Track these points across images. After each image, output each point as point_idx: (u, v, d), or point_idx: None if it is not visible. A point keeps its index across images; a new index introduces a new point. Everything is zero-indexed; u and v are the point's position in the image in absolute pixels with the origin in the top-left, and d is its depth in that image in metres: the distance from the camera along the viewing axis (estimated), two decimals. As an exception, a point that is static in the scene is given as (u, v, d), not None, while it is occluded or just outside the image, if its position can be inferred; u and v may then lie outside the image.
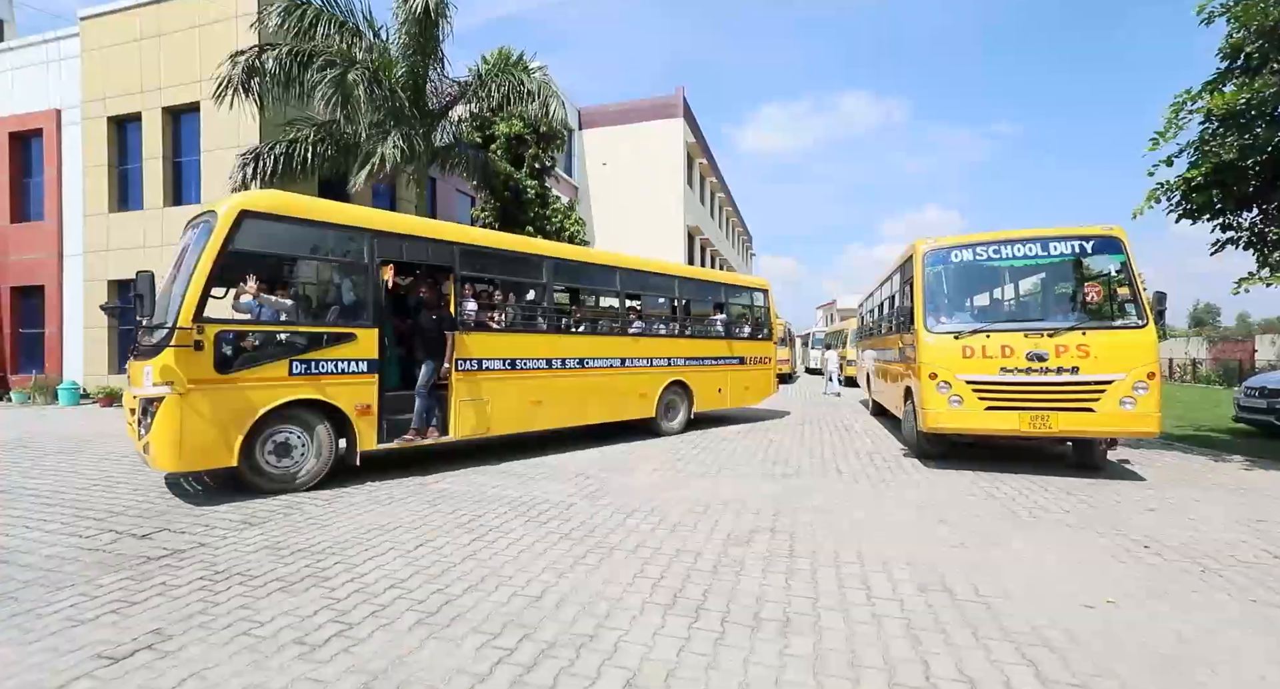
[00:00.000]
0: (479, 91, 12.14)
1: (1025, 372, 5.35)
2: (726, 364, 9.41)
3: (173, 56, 13.01)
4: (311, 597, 2.85)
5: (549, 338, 6.91)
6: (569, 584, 3.02)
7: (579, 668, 2.22)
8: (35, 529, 3.90)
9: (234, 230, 4.68)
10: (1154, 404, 5.10)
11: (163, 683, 2.10)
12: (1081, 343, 5.26)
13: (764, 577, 3.13)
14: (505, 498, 4.78)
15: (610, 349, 7.64)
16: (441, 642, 2.42)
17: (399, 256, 5.80)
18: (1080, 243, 5.61)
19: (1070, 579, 3.11)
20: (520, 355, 6.52)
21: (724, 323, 9.60)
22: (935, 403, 5.68)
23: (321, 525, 4.03)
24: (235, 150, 12.10)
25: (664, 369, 8.33)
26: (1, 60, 14.53)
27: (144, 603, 2.77)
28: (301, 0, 10.37)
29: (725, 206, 36.99)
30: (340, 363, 5.15)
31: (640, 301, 8.85)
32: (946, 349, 5.68)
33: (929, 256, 6.13)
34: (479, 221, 15.95)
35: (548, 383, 6.80)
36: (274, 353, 4.84)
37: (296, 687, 2.09)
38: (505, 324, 6.62)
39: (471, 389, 6.05)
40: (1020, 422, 5.37)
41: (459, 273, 6.04)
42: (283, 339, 4.93)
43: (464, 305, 6.11)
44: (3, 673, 2.16)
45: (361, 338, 5.27)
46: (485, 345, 6.19)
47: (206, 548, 3.56)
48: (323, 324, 5.24)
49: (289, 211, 5.07)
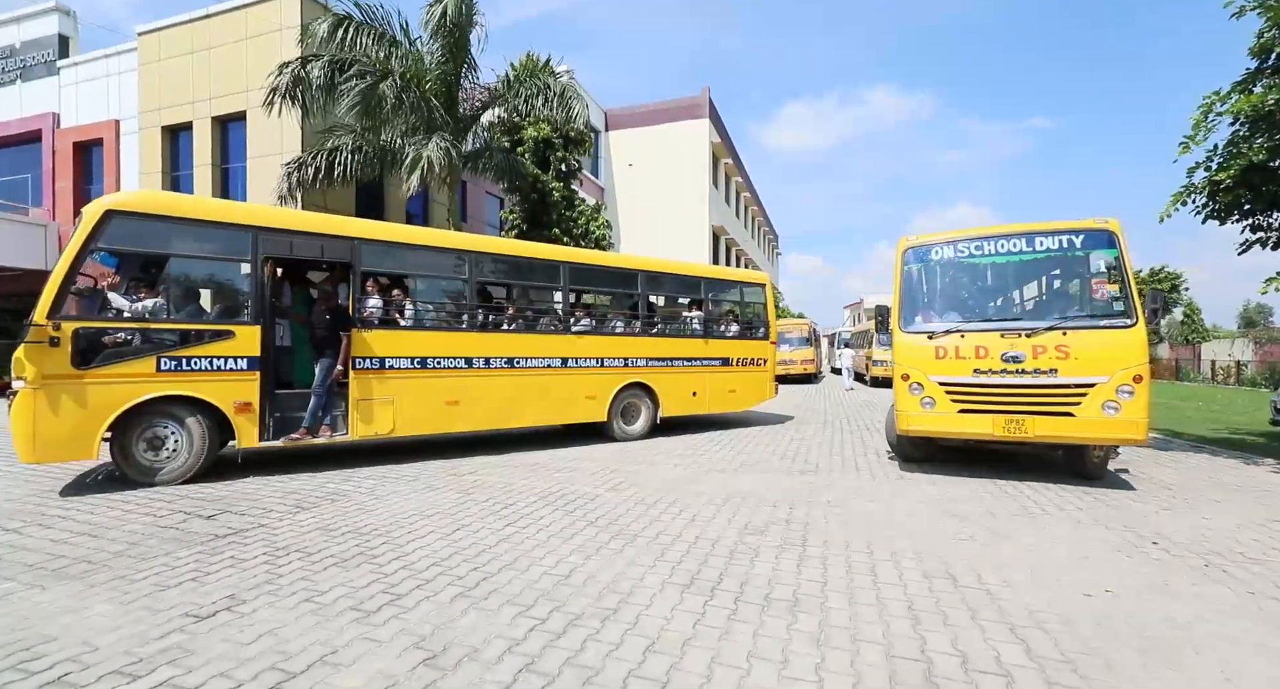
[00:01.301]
0: (507, 97, 12.54)
1: (1000, 373, 5.12)
2: (705, 365, 8.62)
3: (221, 68, 13.72)
4: (363, 571, 3.16)
5: (469, 336, 6.61)
6: (594, 565, 3.27)
7: (604, 635, 2.47)
8: (115, 508, 4.33)
9: (98, 229, 4.77)
10: (1141, 409, 4.77)
11: (243, 638, 2.42)
12: (1061, 343, 4.98)
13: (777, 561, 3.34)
14: (534, 489, 5.07)
15: (548, 348, 7.17)
16: (481, 612, 2.69)
17: (287, 253, 5.69)
18: (1069, 237, 5.28)
19: (1073, 571, 3.24)
20: (433, 354, 6.30)
21: (703, 320, 8.81)
22: (908, 405, 5.57)
23: (366, 510, 4.37)
24: (278, 157, 12.72)
25: (618, 370, 7.73)
26: (66, 75, 15.50)
27: (218, 573, 3.12)
28: (343, 13, 10.89)
29: (750, 206, 36.92)
30: (216, 360, 5.16)
31: (591, 298, 8.46)
32: (920, 350, 5.53)
33: (908, 254, 5.94)
34: (507, 223, 16.40)
35: (468, 383, 6.51)
36: (139, 350, 4.88)
37: (357, 645, 2.38)
38: (415, 321, 6.43)
39: (373, 388, 5.93)
40: (994, 426, 5.13)
41: (359, 269, 5.95)
42: (149, 336, 4.95)
43: (365, 302, 6.02)
44: (113, 625, 2.50)
45: (241, 335, 5.28)
46: (390, 343, 6.06)
47: (265, 528, 3.92)
48: (198, 321, 5.29)
49: (162, 210, 5.13)
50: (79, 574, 3.06)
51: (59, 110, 15.52)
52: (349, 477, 5.52)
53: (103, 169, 15.13)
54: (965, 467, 6.07)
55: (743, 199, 34.34)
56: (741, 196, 33.93)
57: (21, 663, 2.19)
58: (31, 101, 15.81)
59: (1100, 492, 5.10)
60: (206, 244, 5.43)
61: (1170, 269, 32.80)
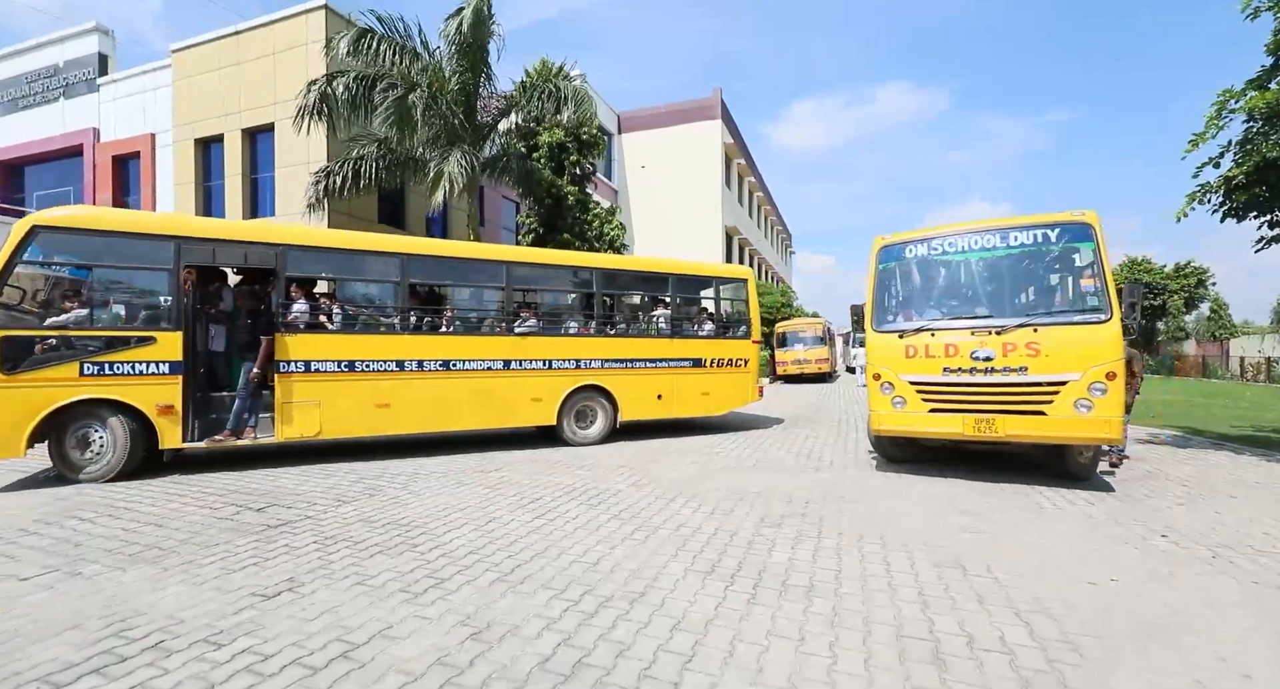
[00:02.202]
0: (523, 103, 12.84)
1: (970, 372, 5.05)
2: (672, 367, 8.14)
3: (250, 82, 14.23)
4: (407, 559, 3.41)
5: (400, 338, 6.57)
6: (620, 554, 3.48)
7: (633, 616, 2.67)
8: (174, 501, 4.64)
9: (23, 243, 5.13)
10: (1114, 407, 4.64)
11: (306, 615, 2.67)
12: (1032, 340, 4.87)
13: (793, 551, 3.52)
14: (558, 484, 5.30)
15: (488, 350, 7.01)
16: (518, 595, 2.92)
17: (210, 261, 5.87)
18: (1045, 231, 5.16)
19: (1080, 563, 3.37)
20: (361, 357, 6.34)
21: (669, 319, 8.34)
22: (879, 404, 5.55)
23: (402, 504, 4.63)
24: (305, 167, 13.17)
25: (569, 372, 7.44)
26: (106, 91, 16.17)
27: (275, 559, 3.39)
28: (366, 26, 11.27)
29: (763, 206, 36.93)
30: (138, 365, 5.40)
31: (537, 297, 8.10)
32: (890, 349, 5.50)
33: (882, 252, 5.92)
34: (524, 228, 16.72)
35: (400, 385, 6.50)
36: (63, 355, 5.18)
37: (409, 621, 2.61)
38: (341, 324, 6.44)
39: (299, 391, 6.04)
40: (964, 425, 5.08)
41: (284, 274, 6.09)
42: (72, 342, 5.23)
43: (291, 306, 6.13)
44: (191, 603, 2.78)
45: (162, 341, 5.51)
46: (315, 346, 6.14)
47: (312, 520, 4.19)
48: (122, 328, 5.57)
49: (87, 224, 5.50)
50: (152, 559, 3.35)
51: (99, 125, 16.20)
52: (382, 472, 5.80)
53: (139, 181, 15.77)
54: (979, 466, 6.16)
55: (755, 199, 34.38)
56: (754, 196, 33.97)
57: (121, 631, 2.47)
58: (74, 117, 16.53)
59: (1116, 489, 5.18)
60: (130, 255, 5.69)
61: (1197, 264, 32.10)
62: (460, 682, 2.14)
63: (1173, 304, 31.13)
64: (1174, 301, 31.07)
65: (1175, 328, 34.18)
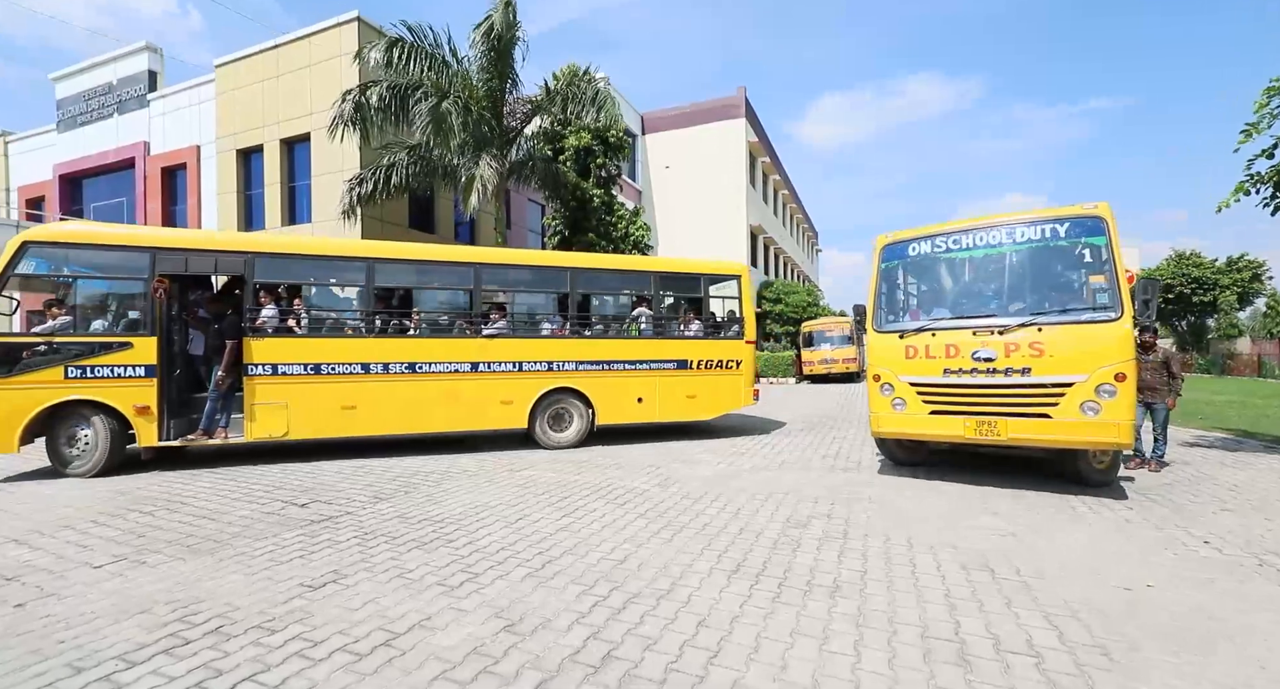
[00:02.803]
0: (549, 107, 13.02)
1: (971, 373, 4.91)
2: (654, 369, 7.82)
3: (288, 93, 14.77)
4: (442, 554, 3.55)
5: (365, 342, 6.69)
6: (647, 552, 3.57)
7: (659, 611, 2.75)
8: (225, 496, 4.91)
9: (15, 257, 5.57)
10: (1124, 410, 4.40)
11: (351, 604, 2.82)
12: (1035, 340, 4.70)
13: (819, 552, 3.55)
14: (586, 484, 5.41)
15: (455, 352, 7.00)
16: (548, 589, 3.02)
17: (183, 270, 6.16)
18: (1054, 226, 4.96)
19: (1114, 567, 3.31)
20: (326, 360, 6.48)
21: (651, 318, 8.03)
22: (879, 406, 5.46)
23: (437, 502, 4.80)
24: (339, 174, 13.61)
25: (541, 374, 7.32)
26: (155, 106, 16.98)
27: (320, 552, 3.57)
28: (396, 36, 11.60)
29: (789, 204, 36.55)
30: (116, 368, 5.77)
31: (510, 298, 7.96)
32: (891, 349, 5.41)
33: (885, 251, 5.80)
34: (549, 229, 16.94)
35: (366, 388, 6.60)
36: (50, 360, 5.60)
37: (445, 613, 2.74)
38: (308, 328, 6.60)
39: (267, 393, 6.26)
40: (964, 428, 4.95)
41: (254, 281, 6.31)
42: (57, 348, 5.64)
43: (260, 312, 6.34)
44: (246, 591, 2.96)
45: (139, 345, 5.85)
46: (282, 350, 6.34)
47: (352, 516, 4.39)
48: (101, 335, 5.88)
49: (71, 238, 5.92)
50: (209, 550, 3.57)
51: (149, 139, 17.02)
52: (417, 470, 6.01)
53: (186, 191, 16.51)
54: (1010, 469, 6.05)
55: (781, 197, 34.05)
56: (780, 194, 33.66)
57: (184, 617, 2.66)
58: (126, 132, 17.40)
59: (1154, 491, 5.04)
60: (111, 265, 6.10)
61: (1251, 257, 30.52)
62: (495, 670, 2.25)
63: (1224, 300, 29.67)
64: (1225, 297, 29.61)
65: (1227, 325, 32.57)
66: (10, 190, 20.17)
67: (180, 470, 5.99)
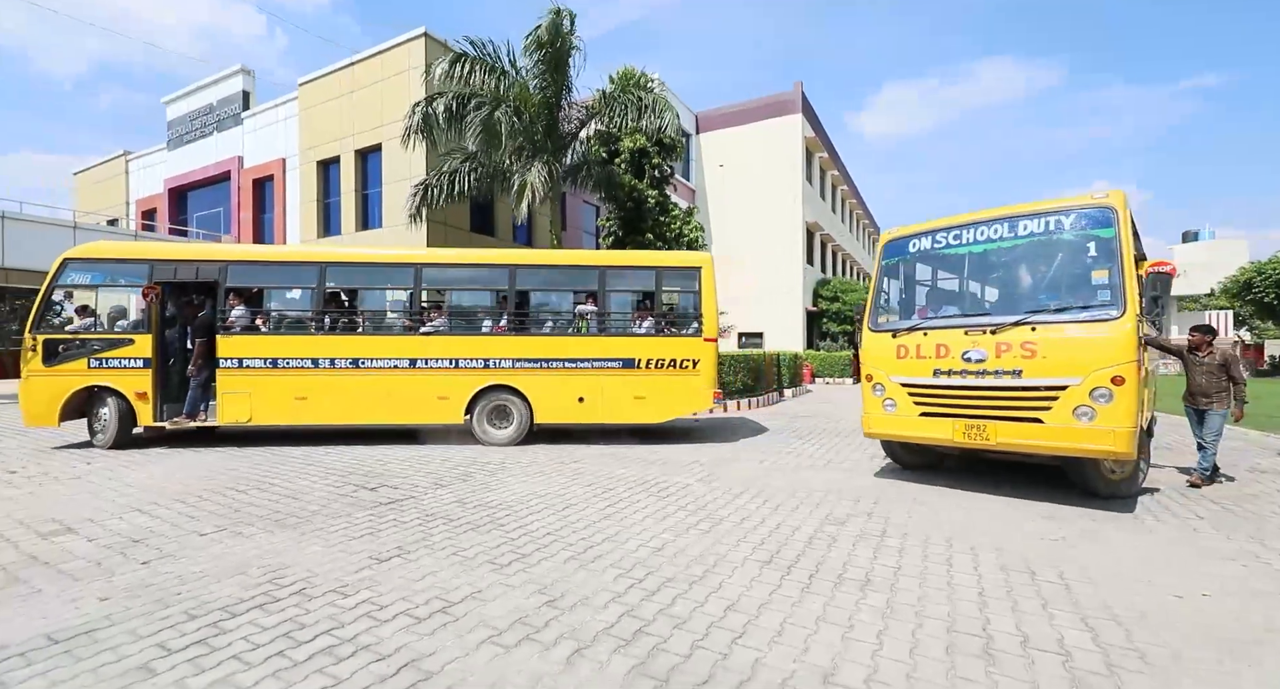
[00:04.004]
0: (604, 112, 13.34)
1: (961, 374, 4.74)
2: (597, 367, 7.55)
3: (362, 107, 15.84)
4: (494, 536, 3.84)
5: (315, 339, 7.30)
6: (684, 542, 3.72)
7: (691, 595, 2.91)
8: (304, 480, 5.45)
9: (59, 272, 7.04)
10: (1122, 416, 4.11)
11: (412, 576, 3.14)
12: (1028, 340, 4.46)
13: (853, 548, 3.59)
14: (630, 477, 5.62)
15: (394, 349, 7.36)
16: (589, 572, 3.24)
17: (173, 277, 7.21)
18: (1059, 218, 4.67)
19: (1169, 574, 3.18)
20: (281, 355, 7.20)
21: (597, 315, 7.77)
22: (871, 407, 5.38)
23: (491, 489, 5.13)
24: (408, 181, 14.47)
25: (477, 371, 7.39)
26: (248, 124, 18.62)
27: (386, 530, 3.94)
28: (460, 50, 12.24)
29: (849, 199, 35.51)
30: (122, 360, 6.97)
31: (452, 297, 8.20)
32: (883, 349, 5.30)
33: (886, 249, 5.65)
34: (603, 230, 17.32)
35: (315, 381, 7.21)
36: (77, 353, 6.93)
37: (495, 587, 3.01)
38: (270, 327, 7.39)
39: (234, 384, 7.15)
40: (953, 430, 4.80)
41: (225, 285, 7.22)
42: (82, 344, 6.96)
43: (230, 312, 7.19)
44: (324, 561, 3.35)
45: (139, 342, 7.03)
46: (246, 346, 7.17)
47: (415, 499, 4.78)
48: (112, 333, 7.13)
49: (94, 254, 7.34)
50: (293, 525, 4.02)
51: (242, 153, 18.68)
52: (473, 461, 6.40)
53: (273, 200, 18.00)
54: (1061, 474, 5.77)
55: (839, 192, 33.13)
56: (838, 190, 32.76)
57: (274, 579, 3.06)
58: (223, 148, 19.17)
59: (1230, 499, 4.71)
60: (123, 275, 7.41)
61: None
62: (536, 638, 2.48)
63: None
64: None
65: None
66: (130, 203, 22.63)
67: (266, 451, 6.66)
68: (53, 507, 4.46)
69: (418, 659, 2.30)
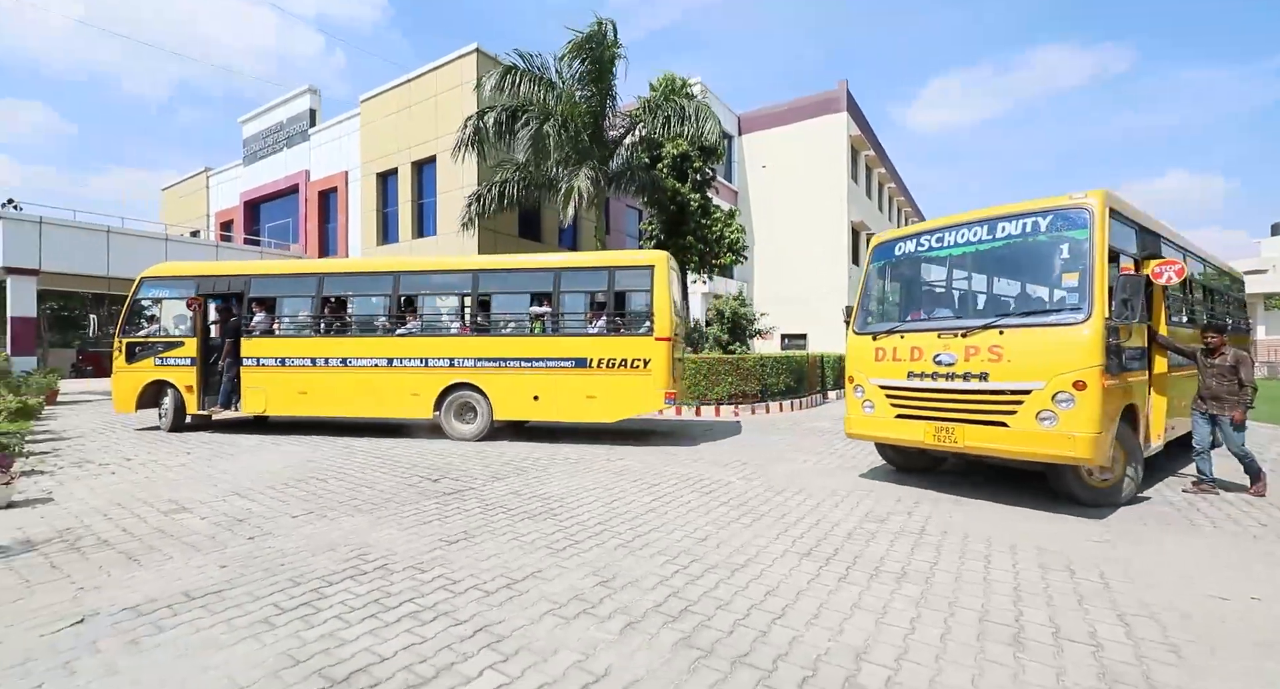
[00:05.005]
0: (646, 120, 13.63)
1: (933, 377, 4.80)
2: (550, 367, 7.76)
3: (418, 120, 16.69)
4: (548, 525, 4.16)
5: (310, 340, 8.39)
6: (726, 534, 3.93)
7: (733, 581, 3.12)
8: (374, 471, 5.94)
9: (139, 287, 8.79)
10: (1084, 422, 4.08)
11: (479, 556, 3.48)
12: (996, 344, 4.48)
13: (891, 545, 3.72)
14: (675, 473, 5.85)
15: (374, 349, 8.16)
16: (637, 557, 3.50)
17: (212, 290, 8.71)
18: (1036, 220, 4.64)
19: (1217, 577, 3.17)
20: (288, 355, 8.35)
21: (551, 316, 8.01)
22: (852, 408, 5.51)
23: (543, 483, 5.47)
24: (460, 191, 15.17)
25: (444, 370, 7.94)
26: (314, 139, 19.89)
27: (451, 517, 4.32)
28: (510, 64, 12.77)
29: (896, 197, 34.62)
30: (176, 359, 8.53)
31: (426, 301, 8.77)
32: (864, 351, 5.41)
33: (874, 252, 5.75)
34: (645, 234, 17.60)
35: (312, 378, 8.26)
36: (145, 353, 8.59)
37: (552, 569, 3.30)
38: (280, 330, 8.57)
39: (254, 380, 8.37)
40: (925, 433, 4.86)
41: (248, 295, 8.54)
42: (149, 346, 8.62)
43: (253, 318, 8.48)
44: (401, 542, 3.74)
45: (187, 344, 8.55)
46: (263, 347, 8.38)
47: (475, 491, 5.16)
48: (169, 337, 8.69)
49: (163, 273, 9.02)
50: (369, 511, 4.46)
51: (309, 167, 19.97)
52: (526, 456, 6.78)
53: (337, 210, 19.16)
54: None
55: (887, 191, 32.36)
56: (885, 188, 32.00)
57: (360, 555, 3.46)
58: (292, 162, 20.54)
59: (1302, 510, 4.53)
60: (180, 289, 8.86)
61: None
62: (592, 612, 2.75)
63: None
64: None
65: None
66: (210, 216, 24.52)
67: (330, 442, 7.24)
68: (167, 490, 5.07)
69: (489, 625, 2.61)
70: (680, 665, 2.29)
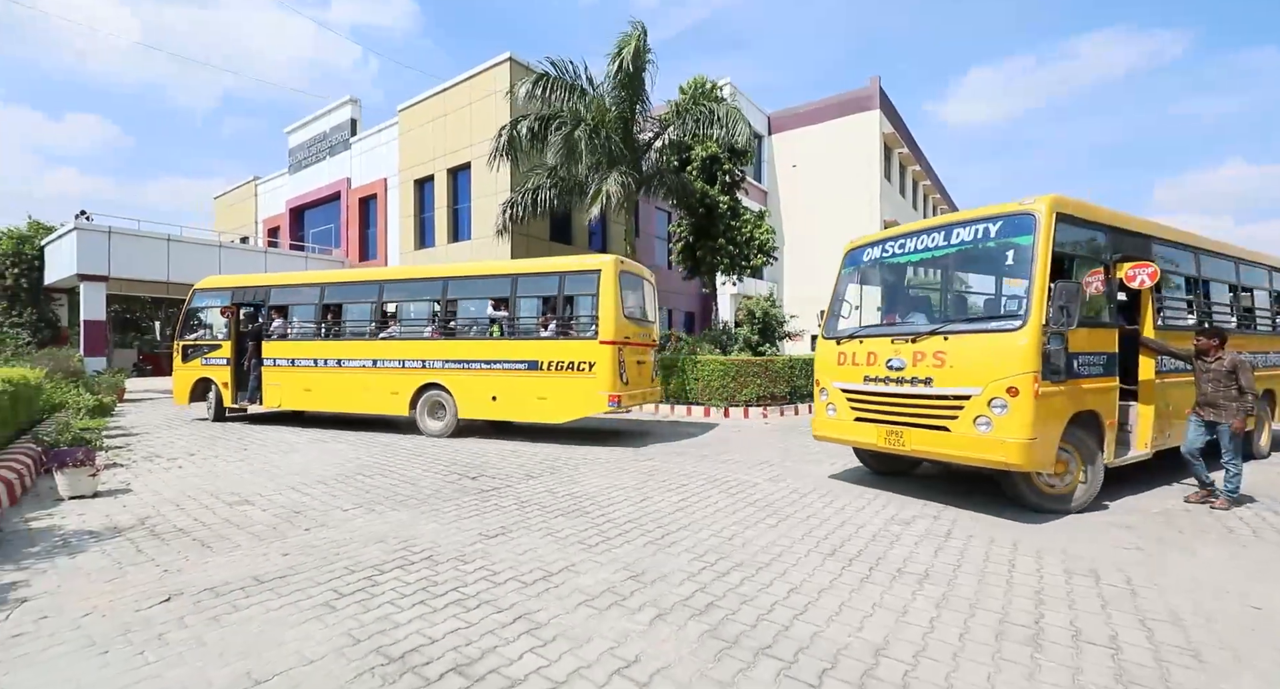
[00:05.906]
0: (676, 123, 13.76)
1: (885, 381, 4.93)
2: (506, 368, 8.08)
3: (453, 128, 17.20)
4: (580, 522, 4.35)
5: (310, 343, 9.46)
6: (752, 534, 4.06)
7: (758, 578, 3.25)
8: (415, 469, 6.25)
9: (193, 297, 10.44)
10: (1017, 427, 4.11)
11: (516, 550, 3.69)
12: (940, 349, 4.55)
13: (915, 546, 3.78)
14: (703, 474, 5.99)
15: (361, 351, 9.02)
16: (666, 554, 3.66)
17: (242, 300, 10.09)
18: (986, 226, 4.69)
19: (1246, 585, 3.15)
20: (296, 356, 9.43)
21: (507, 320, 8.29)
22: (817, 410, 5.68)
23: (576, 482, 5.68)
24: (494, 197, 15.58)
25: (417, 371, 8.58)
26: (356, 148, 20.66)
27: (489, 513, 4.56)
28: (542, 72, 13.09)
29: (931, 195, 33.88)
30: (215, 359, 9.93)
31: (406, 306, 9.63)
32: (829, 355, 5.53)
33: (846, 257, 5.85)
34: (674, 235, 17.72)
35: (314, 376, 9.27)
36: (195, 355, 10.15)
37: (586, 563, 3.49)
38: (288, 334, 9.67)
39: (272, 378, 9.53)
40: (878, 435, 4.97)
41: (269, 303, 9.85)
42: (197, 348, 10.15)
43: (272, 323, 9.70)
44: (443, 535, 3.99)
45: (224, 346, 9.89)
46: (277, 349, 9.53)
47: (511, 488, 5.40)
48: (211, 340, 10.16)
49: (209, 285, 10.45)
50: (412, 506, 4.73)
51: (350, 175, 20.75)
52: (559, 456, 7.01)
53: (376, 216, 19.87)
54: (1158, 478, 5.51)
55: (921, 188, 31.70)
56: (920, 186, 31.36)
57: (406, 546, 3.72)
58: (334, 170, 21.38)
59: (1353, 521, 4.39)
60: (222, 299, 10.15)
61: None
62: (623, 604, 2.92)
63: None
64: None
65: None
66: (258, 223, 25.70)
67: (375, 439, 7.62)
68: (229, 483, 5.47)
69: (528, 613, 2.81)
70: (706, 655, 2.44)
